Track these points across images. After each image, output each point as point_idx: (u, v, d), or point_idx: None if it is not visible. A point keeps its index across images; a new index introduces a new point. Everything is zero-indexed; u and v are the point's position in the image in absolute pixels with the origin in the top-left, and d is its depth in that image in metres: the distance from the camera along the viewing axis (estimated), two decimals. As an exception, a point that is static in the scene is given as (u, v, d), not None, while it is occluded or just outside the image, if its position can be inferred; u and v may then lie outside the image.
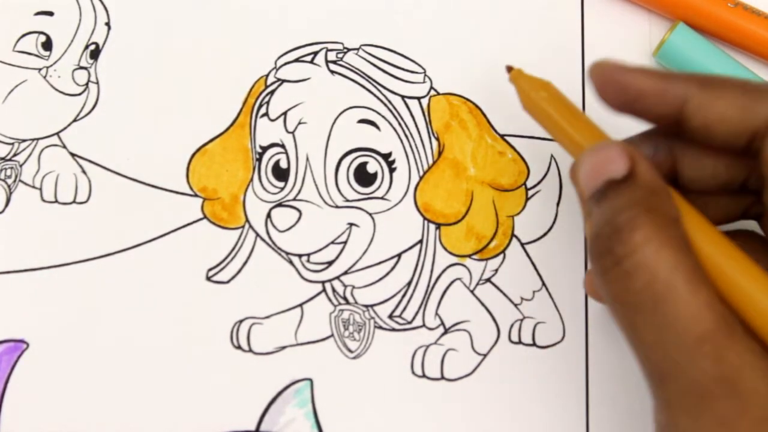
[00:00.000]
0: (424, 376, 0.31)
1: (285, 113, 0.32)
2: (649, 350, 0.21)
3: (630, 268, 0.21)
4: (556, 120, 0.26)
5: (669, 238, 0.21)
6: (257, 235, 0.32)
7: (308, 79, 0.33)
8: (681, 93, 0.23)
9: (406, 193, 0.32)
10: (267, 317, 0.31)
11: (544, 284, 0.32)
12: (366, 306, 0.31)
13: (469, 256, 0.32)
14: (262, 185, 0.32)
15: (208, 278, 0.31)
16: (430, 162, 0.32)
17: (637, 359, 0.22)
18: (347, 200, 0.32)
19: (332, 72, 0.33)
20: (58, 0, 0.33)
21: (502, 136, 0.33)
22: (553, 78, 0.27)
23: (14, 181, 0.32)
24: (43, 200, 0.32)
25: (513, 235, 0.32)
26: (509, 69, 0.28)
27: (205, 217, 0.32)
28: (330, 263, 0.32)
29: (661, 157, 0.25)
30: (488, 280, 0.32)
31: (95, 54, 0.33)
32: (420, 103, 0.33)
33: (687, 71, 0.24)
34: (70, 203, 0.32)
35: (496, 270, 0.32)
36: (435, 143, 0.32)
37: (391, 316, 0.31)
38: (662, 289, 0.21)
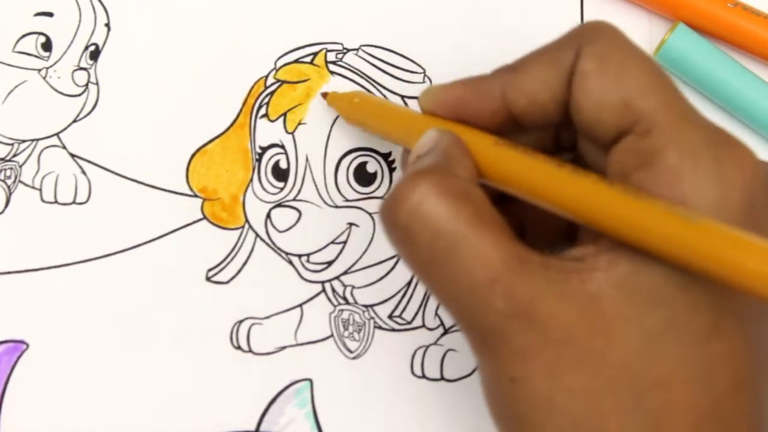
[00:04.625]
0: (423, 376, 0.31)
1: (284, 114, 0.32)
2: (449, 303, 0.22)
3: (413, 227, 0.21)
4: (379, 120, 0.29)
5: (447, 190, 0.21)
6: (257, 235, 0.32)
7: (308, 80, 0.33)
8: (497, 87, 0.24)
9: (405, 193, 0.32)
10: (267, 317, 0.31)
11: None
12: (366, 306, 0.31)
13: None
14: (261, 186, 0.32)
15: (208, 278, 0.31)
16: (430, 162, 0.32)
17: (449, 315, 0.22)
18: (347, 200, 0.32)
19: (332, 72, 0.33)
20: (58, 1, 0.33)
21: (501, 136, 0.33)
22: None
23: (14, 181, 0.32)
24: (43, 201, 0.32)
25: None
26: (324, 95, 0.32)
27: (204, 217, 0.32)
28: (330, 263, 0.32)
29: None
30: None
31: (95, 55, 0.33)
32: (420, 103, 0.33)
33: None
34: (70, 204, 0.32)
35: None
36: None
37: (390, 316, 0.31)
38: (447, 240, 0.21)
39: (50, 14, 0.33)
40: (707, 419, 0.20)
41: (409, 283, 0.32)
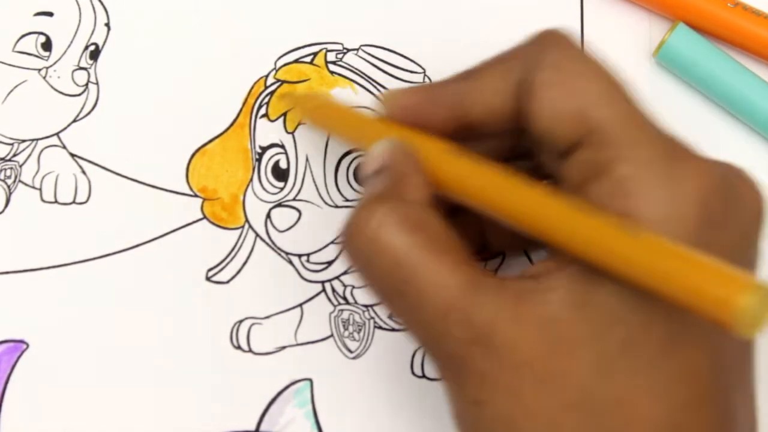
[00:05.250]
0: (423, 376, 0.31)
1: (285, 114, 0.32)
2: (411, 331, 0.22)
3: (370, 257, 0.22)
4: (337, 124, 0.29)
5: (401, 219, 0.21)
6: (257, 235, 0.32)
7: (308, 80, 0.33)
8: (450, 93, 0.24)
9: (405, 193, 0.32)
10: (267, 317, 0.31)
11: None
12: (366, 306, 0.31)
13: (469, 256, 0.32)
14: (261, 185, 0.32)
15: (208, 278, 0.31)
16: (430, 162, 0.32)
17: (412, 341, 0.22)
18: (347, 200, 0.32)
19: (332, 72, 0.33)
20: (58, 1, 0.33)
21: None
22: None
23: (14, 181, 0.32)
24: (43, 200, 0.32)
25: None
26: (281, 97, 0.32)
27: (204, 217, 0.32)
28: (330, 263, 0.32)
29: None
30: (488, 280, 0.32)
31: (95, 54, 0.33)
32: (420, 103, 0.33)
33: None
34: (70, 203, 0.32)
35: (496, 270, 0.32)
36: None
37: (390, 316, 0.31)
38: (404, 271, 0.21)
39: (50, 14, 0.33)
40: None
41: (409, 283, 0.32)
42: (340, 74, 0.33)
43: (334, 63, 0.33)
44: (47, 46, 0.33)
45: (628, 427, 0.20)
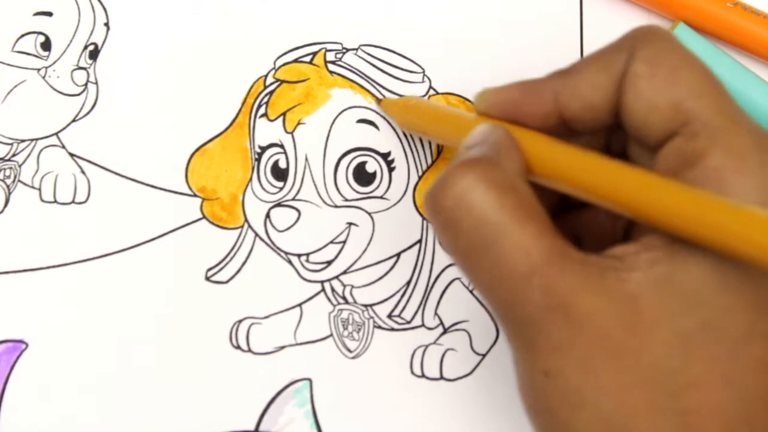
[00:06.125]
0: (423, 375, 0.31)
1: (284, 113, 0.32)
2: (487, 293, 0.22)
3: (457, 214, 0.22)
4: (433, 122, 0.29)
5: (493, 181, 0.22)
6: (256, 235, 0.32)
7: (307, 79, 0.33)
8: (549, 89, 0.24)
9: (405, 193, 0.32)
10: (266, 317, 0.31)
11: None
12: (365, 305, 0.31)
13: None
14: (261, 185, 0.32)
15: (207, 278, 0.31)
16: (430, 161, 0.32)
17: (487, 304, 0.22)
18: (346, 200, 0.32)
19: (331, 72, 0.33)
20: (57, 0, 0.33)
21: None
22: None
23: (13, 181, 0.32)
24: (42, 200, 0.32)
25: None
26: (378, 102, 0.32)
27: (204, 217, 0.32)
28: (329, 263, 0.32)
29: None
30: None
31: (94, 54, 0.33)
32: (419, 103, 0.33)
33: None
34: (69, 203, 0.32)
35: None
36: (434, 142, 0.32)
37: (390, 316, 0.31)
38: (489, 230, 0.21)
39: (49, 14, 0.33)
40: (740, 423, 0.20)
41: (408, 283, 0.32)
42: (339, 74, 0.33)
43: (333, 63, 0.33)
44: (46, 45, 0.33)
45: (700, 412, 0.20)
